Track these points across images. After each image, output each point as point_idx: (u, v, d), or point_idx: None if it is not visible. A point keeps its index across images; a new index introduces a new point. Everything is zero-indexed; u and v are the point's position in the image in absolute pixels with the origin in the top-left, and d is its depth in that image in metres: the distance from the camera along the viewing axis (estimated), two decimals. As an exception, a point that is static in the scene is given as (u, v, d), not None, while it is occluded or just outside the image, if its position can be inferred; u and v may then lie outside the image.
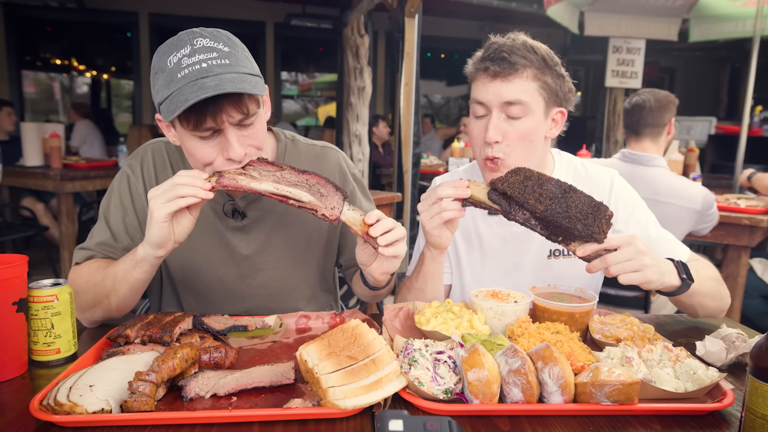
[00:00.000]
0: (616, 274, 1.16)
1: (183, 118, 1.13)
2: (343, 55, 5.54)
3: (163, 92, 1.13)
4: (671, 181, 2.56)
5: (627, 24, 5.86)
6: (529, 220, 1.20)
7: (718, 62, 10.98)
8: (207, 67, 1.10)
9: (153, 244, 1.16)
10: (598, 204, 1.15)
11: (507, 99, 1.34)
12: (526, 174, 1.21)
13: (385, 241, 1.14)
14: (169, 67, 1.12)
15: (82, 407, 0.87)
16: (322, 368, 0.92)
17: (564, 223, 1.15)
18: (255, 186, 1.14)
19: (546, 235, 1.20)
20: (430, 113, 10.08)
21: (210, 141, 1.17)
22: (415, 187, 4.69)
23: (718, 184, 4.62)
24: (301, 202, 1.15)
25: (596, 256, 1.18)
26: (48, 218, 5.00)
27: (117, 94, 10.15)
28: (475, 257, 1.58)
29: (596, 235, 1.14)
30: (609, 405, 0.92)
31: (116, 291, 1.24)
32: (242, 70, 1.14)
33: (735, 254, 3.05)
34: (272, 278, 1.48)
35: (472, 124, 1.44)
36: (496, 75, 1.34)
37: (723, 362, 1.13)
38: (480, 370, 0.92)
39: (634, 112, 2.63)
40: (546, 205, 1.16)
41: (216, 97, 1.10)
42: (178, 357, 0.97)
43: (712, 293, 1.36)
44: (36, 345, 1.10)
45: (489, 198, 1.23)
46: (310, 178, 1.17)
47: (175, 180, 1.12)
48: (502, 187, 1.20)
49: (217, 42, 1.14)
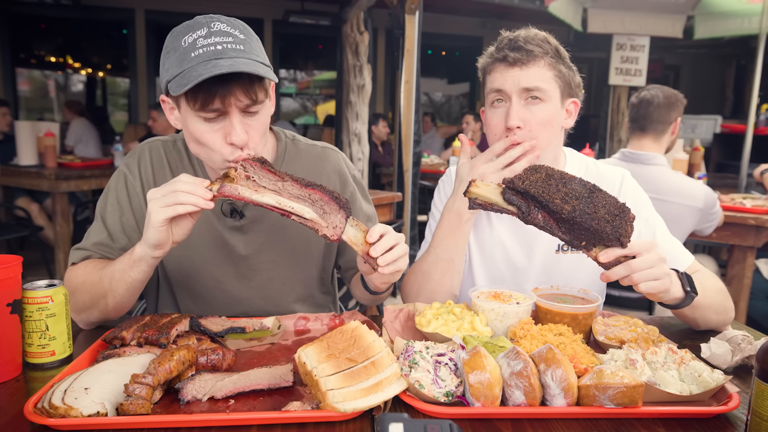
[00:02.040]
0: (638, 281, 1.10)
1: (191, 97, 1.14)
2: (342, 52, 5.52)
3: (174, 70, 1.14)
4: (672, 179, 2.55)
5: (631, 21, 5.85)
6: (549, 223, 1.10)
7: (723, 60, 10.92)
8: (222, 49, 1.12)
9: (150, 246, 1.15)
10: (623, 206, 1.08)
11: (526, 85, 1.36)
12: (548, 172, 1.11)
13: (386, 261, 1.12)
14: (183, 46, 1.14)
15: (78, 410, 0.86)
16: (321, 371, 0.91)
17: (592, 225, 1.06)
18: (257, 198, 1.12)
19: (567, 240, 1.11)
20: (431, 111, 10.07)
21: (214, 124, 1.18)
22: (416, 187, 4.67)
23: (723, 183, 4.61)
24: (303, 219, 1.13)
25: (618, 262, 1.11)
26: (42, 218, 4.97)
27: (113, 92, 10.12)
28: (485, 247, 1.57)
29: (623, 238, 1.07)
30: (612, 408, 0.92)
31: (113, 291, 1.23)
32: (255, 58, 1.15)
33: (740, 255, 3.03)
34: (270, 279, 1.47)
35: (490, 114, 1.44)
36: (515, 62, 1.36)
37: (728, 364, 1.12)
38: (482, 372, 0.91)
39: (641, 107, 2.61)
40: (573, 205, 1.06)
41: (226, 80, 1.11)
42: (174, 359, 0.96)
43: (716, 307, 1.32)
44: (30, 347, 1.09)
45: (505, 198, 1.12)
46: (313, 193, 1.13)
47: (176, 185, 1.10)
48: (523, 185, 1.09)
49: (234, 28, 1.17)
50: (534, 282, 1.52)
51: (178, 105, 1.21)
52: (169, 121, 1.28)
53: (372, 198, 1.63)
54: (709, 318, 1.32)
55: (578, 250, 1.50)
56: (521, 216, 1.12)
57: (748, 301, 3.04)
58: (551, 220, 1.10)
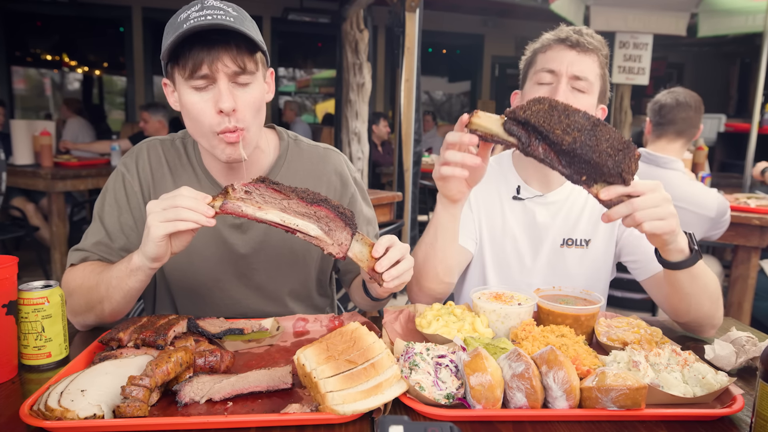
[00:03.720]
0: (641, 221, 1.07)
1: (181, 65, 1.19)
2: (342, 50, 5.51)
3: (168, 41, 1.18)
4: (687, 187, 2.53)
5: (634, 18, 5.82)
6: (549, 155, 1.07)
7: (727, 58, 10.89)
8: (212, 19, 1.16)
9: (149, 258, 1.13)
10: (628, 142, 1.04)
11: (577, 72, 1.41)
12: (551, 103, 1.07)
13: (391, 276, 1.12)
14: (177, 21, 1.20)
15: (74, 413, 0.85)
16: (320, 372, 0.91)
17: (593, 158, 1.02)
18: (260, 215, 1.11)
19: (568, 174, 1.08)
20: (432, 110, 10.06)
21: (204, 93, 1.21)
22: (416, 186, 4.66)
23: (727, 183, 4.59)
24: (309, 236, 1.12)
25: (619, 201, 1.07)
26: (38, 218, 4.93)
27: (109, 91, 10.11)
28: (496, 237, 1.58)
29: (625, 174, 1.03)
30: (615, 410, 0.91)
31: (110, 298, 1.22)
32: (246, 31, 1.19)
33: (745, 255, 3.01)
34: (269, 279, 1.46)
35: (532, 92, 1.44)
36: (574, 45, 1.42)
37: (733, 366, 1.12)
38: (483, 374, 0.91)
39: (680, 110, 2.55)
40: (574, 136, 1.03)
41: (213, 45, 1.16)
42: (172, 361, 0.96)
43: (711, 293, 1.26)
44: (26, 349, 1.08)
45: (505, 129, 1.08)
46: (318, 210, 1.12)
47: (177, 201, 1.08)
48: (524, 115, 1.05)
49: (228, 6, 1.23)
50: (538, 275, 1.54)
51: (174, 81, 1.25)
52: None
53: (372, 198, 1.63)
54: (702, 303, 1.25)
55: (582, 245, 1.51)
56: (521, 147, 1.08)
57: (752, 302, 3.02)
58: (551, 152, 1.07)
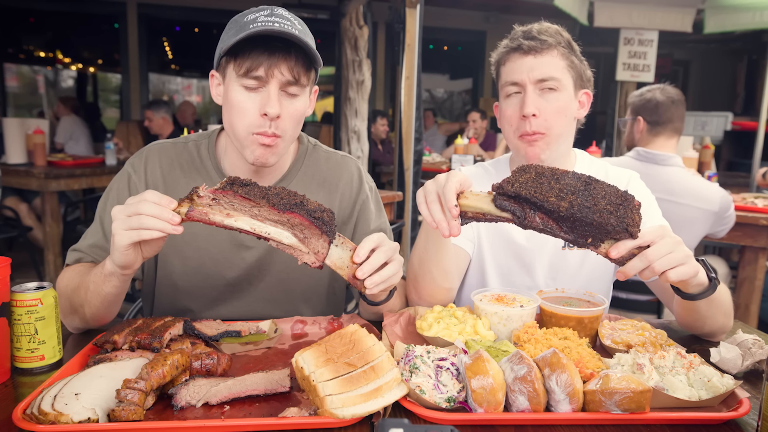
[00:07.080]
0: (661, 270, 1.02)
1: (239, 61, 1.23)
2: (341, 47, 5.50)
3: (231, 39, 1.21)
4: (687, 181, 2.51)
5: (639, 14, 5.79)
6: (549, 224, 1.03)
7: (734, 55, 10.79)
8: (280, 27, 1.21)
9: (118, 266, 1.11)
10: (624, 194, 1.01)
11: (540, 76, 1.39)
12: (537, 170, 1.04)
13: (373, 283, 1.08)
14: (244, 21, 1.24)
15: (68, 416, 0.85)
16: (319, 375, 0.91)
17: (595, 219, 0.98)
18: (229, 222, 1.05)
19: (571, 239, 1.04)
20: (432, 108, 10.05)
21: (253, 94, 1.25)
22: (417, 186, 4.65)
23: (734, 182, 4.57)
24: (282, 245, 1.07)
25: (631, 255, 1.03)
26: (31, 219, 4.88)
27: (104, 88, 10.04)
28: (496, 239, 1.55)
29: (631, 228, 0.99)
30: (619, 414, 0.91)
31: (89, 302, 1.21)
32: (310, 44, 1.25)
33: (752, 256, 3.00)
34: (280, 281, 1.45)
35: (505, 105, 1.46)
36: (529, 50, 1.40)
37: (739, 369, 1.11)
38: (484, 377, 0.90)
39: (676, 107, 2.54)
40: (570, 200, 0.99)
41: (274, 51, 1.22)
42: (168, 364, 0.95)
43: (726, 309, 1.27)
44: (19, 351, 1.07)
45: (496, 205, 1.04)
46: (292, 218, 1.05)
47: (140, 207, 1.03)
48: (513, 189, 1.02)
49: (295, 19, 1.28)
50: (542, 278, 1.52)
51: (224, 75, 1.29)
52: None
53: (384, 210, 1.58)
54: (717, 318, 1.27)
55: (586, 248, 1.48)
56: (517, 222, 1.04)
57: (760, 304, 3.00)
58: (550, 220, 1.03)
